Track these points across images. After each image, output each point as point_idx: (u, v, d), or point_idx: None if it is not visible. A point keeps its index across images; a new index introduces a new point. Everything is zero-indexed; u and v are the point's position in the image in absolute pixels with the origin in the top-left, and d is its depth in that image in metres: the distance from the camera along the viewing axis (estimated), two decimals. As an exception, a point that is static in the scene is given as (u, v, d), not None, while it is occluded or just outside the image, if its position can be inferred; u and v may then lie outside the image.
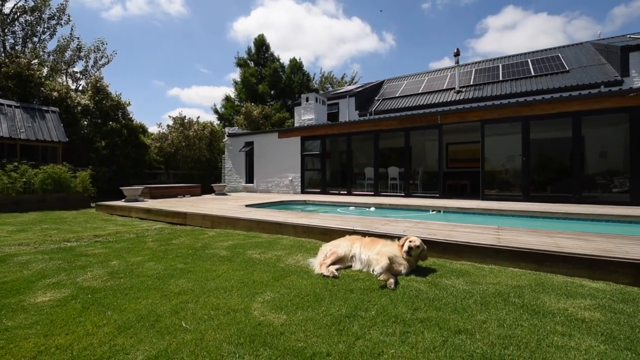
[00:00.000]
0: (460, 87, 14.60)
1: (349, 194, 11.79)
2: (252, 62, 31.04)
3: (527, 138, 8.76)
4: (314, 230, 4.78)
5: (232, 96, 31.34)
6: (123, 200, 9.59)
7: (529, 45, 55.53)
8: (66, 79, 22.82)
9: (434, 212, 7.62)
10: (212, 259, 3.74)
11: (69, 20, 22.36)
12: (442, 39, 57.62)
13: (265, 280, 2.96)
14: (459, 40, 55.56)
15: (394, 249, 3.17)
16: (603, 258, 2.94)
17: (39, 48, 21.61)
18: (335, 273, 3.02)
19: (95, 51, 23.47)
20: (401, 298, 2.49)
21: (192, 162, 19.99)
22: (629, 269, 2.82)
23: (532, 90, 12.13)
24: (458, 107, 10.17)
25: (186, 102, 57.70)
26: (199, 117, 22.05)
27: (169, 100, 57.81)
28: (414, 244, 3.09)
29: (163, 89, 58.88)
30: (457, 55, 14.54)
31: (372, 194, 11.34)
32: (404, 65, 59.86)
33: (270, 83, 29.50)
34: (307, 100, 15.34)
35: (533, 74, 13.41)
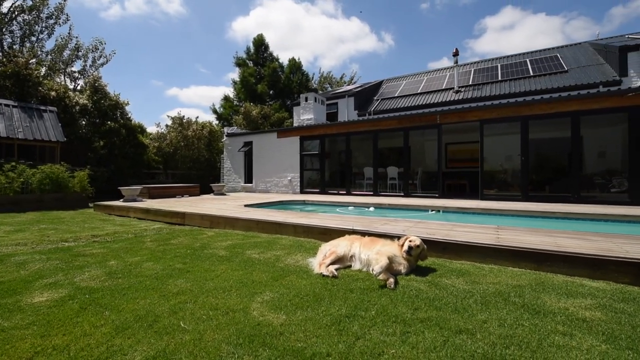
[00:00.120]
0: (459, 87, 14.61)
1: (348, 193, 11.78)
2: (251, 62, 31.01)
3: (526, 138, 8.77)
4: (313, 230, 4.76)
5: (231, 96, 31.31)
6: (121, 200, 9.55)
7: (527, 45, 55.73)
8: (64, 79, 22.74)
9: (433, 212, 7.62)
10: (211, 259, 3.72)
11: (67, 20, 22.30)
12: (441, 39, 57.79)
13: (265, 280, 2.95)
14: (458, 41, 55.73)
15: (394, 248, 3.16)
16: (603, 257, 2.93)
17: (37, 47, 21.53)
18: (335, 273, 3.01)
19: (93, 51, 23.40)
20: (401, 298, 2.48)
21: (191, 162, 19.95)
22: (629, 269, 2.82)
23: (531, 90, 12.15)
24: (457, 107, 10.18)
25: (185, 102, 57.68)
26: (198, 117, 22.04)
27: (168, 100, 57.77)
28: (414, 244, 3.08)
29: (162, 89, 58.87)
30: (456, 55, 14.56)
31: (371, 193, 11.33)
32: (402, 65, 60.02)
33: (269, 83, 29.47)
34: (306, 100, 15.33)
35: (532, 74, 13.43)
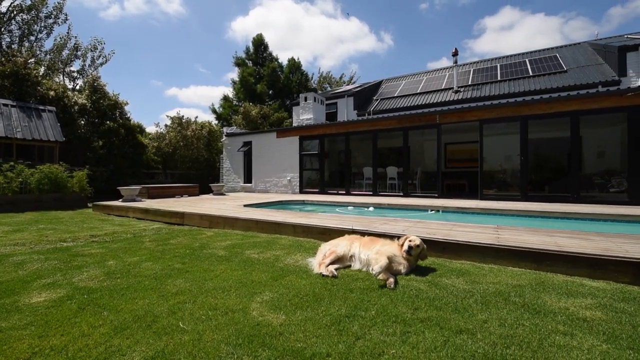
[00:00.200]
0: (458, 87, 14.62)
1: (348, 193, 11.77)
2: (251, 62, 30.97)
3: (526, 138, 8.77)
4: (312, 229, 4.75)
5: (231, 96, 31.27)
6: (120, 200, 9.53)
7: (526, 45, 55.86)
8: (63, 78, 22.69)
9: (433, 212, 7.61)
10: (210, 259, 3.70)
11: (66, 20, 22.26)
12: (440, 39, 57.87)
13: (264, 280, 2.93)
14: (457, 41, 55.82)
15: (394, 248, 3.15)
16: (603, 257, 2.93)
17: (35, 47, 21.48)
18: (335, 272, 3.00)
19: (92, 50, 23.35)
20: (401, 298, 2.47)
21: (190, 162, 19.92)
22: (629, 268, 2.82)
23: (530, 90, 12.16)
24: (456, 107, 10.18)
25: (184, 102, 57.62)
26: (197, 117, 22.03)
27: (167, 100, 57.70)
28: (414, 243, 3.07)
29: (161, 89, 58.79)
30: (456, 55, 14.57)
31: (371, 193, 11.32)
32: (402, 66, 60.08)
33: (268, 83, 29.44)
34: (306, 99, 15.31)
35: (531, 74, 13.44)
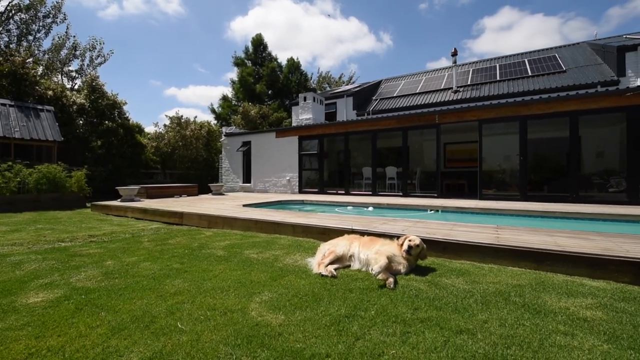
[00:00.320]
0: (457, 87, 14.62)
1: (347, 193, 11.76)
2: (250, 62, 30.93)
3: (525, 138, 8.77)
4: (312, 229, 4.74)
5: (230, 96, 31.22)
6: (119, 200, 9.50)
7: (525, 45, 55.97)
8: (61, 78, 22.62)
9: (432, 212, 7.61)
10: (209, 258, 3.69)
11: (64, 19, 22.18)
12: (439, 39, 57.89)
13: (263, 280, 2.92)
14: (456, 41, 55.86)
15: (393, 248, 3.14)
16: (603, 257, 2.92)
17: (34, 46, 21.40)
18: (334, 272, 2.98)
19: (91, 50, 23.29)
20: (401, 297, 2.46)
21: (189, 162, 19.87)
22: (629, 268, 2.81)
23: (529, 90, 12.17)
24: (456, 107, 10.18)
25: (183, 102, 57.49)
26: (196, 117, 21.94)
27: (166, 99, 57.54)
28: (414, 243, 3.06)
29: (160, 89, 58.62)
30: (455, 55, 14.57)
31: (370, 193, 11.31)
32: (401, 66, 60.13)
33: (267, 83, 29.41)
34: (305, 99, 15.29)
35: (530, 74, 13.45)
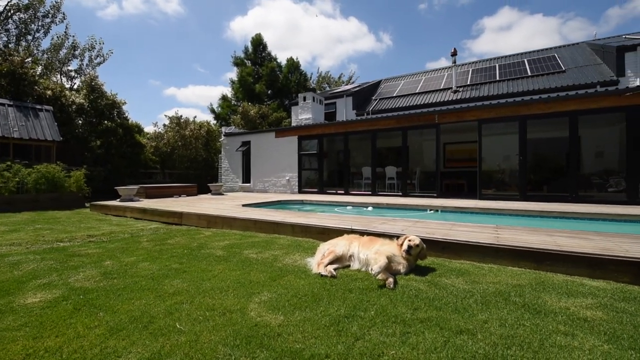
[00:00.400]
0: (457, 87, 14.62)
1: (347, 193, 11.75)
2: (249, 62, 30.89)
3: (524, 138, 8.77)
4: (311, 229, 4.73)
5: (229, 95, 31.18)
6: (118, 200, 9.48)
7: (524, 45, 56.02)
8: (60, 78, 22.58)
9: (432, 212, 7.60)
10: (208, 259, 3.68)
11: (63, 19, 22.13)
12: (439, 39, 57.88)
13: (262, 280, 2.91)
14: (456, 41, 55.86)
15: (393, 248, 3.13)
16: (603, 257, 2.91)
17: (32, 46, 21.36)
18: (333, 272, 2.98)
19: (90, 49, 23.24)
20: (401, 298, 2.45)
21: (189, 162, 19.84)
22: (629, 268, 2.81)
23: (529, 90, 12.17)
24: (455, 107, 10.18)
25: (183, 102, 57.41)
26: (196, 117, 21.97)
27: (166, 99, 57.46)
28: (414, 243, 3.05)
29: (159, 89, 58.52)
30: (454, 55, 14.57)
31: (370, 193, 11.31)
32: (401, 66, 60.12)
33: (267, 82, 29.38)
34: (305, 99, 15.28)
35: (529, 74, 13.46)
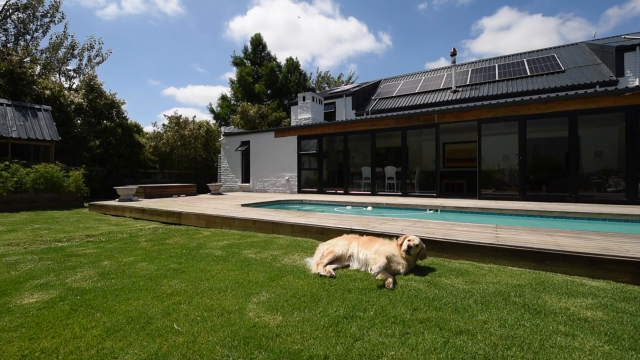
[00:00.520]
0: (456, 87, 14.62)
1: (346, 193, 11.73)
2: (249, 61, 30.85)
3: (524, 137, 8.76)
4: (310, 229, 4.71)
5: (229, 95, 31.13)
6: (117, 199, 9.45)
7: (524, 46, 56.06)
8: (59, 77, 22.53)
9: (431, 211, 7.59)
10: (207, 259, 3.66)
11: (62, 19, 22.09)
12: (438, 39, 58.01)
13: (261, 280, 2.89)
14: (455, 41, 55.98)
15: (392, 247, 3.12)
16: (603, 256, 2.90)
17: (31, 46, 21.31)
18: (333, 273, 2.96)
19: (89, 49, 23.19)
20: (400, 298, 2.44)
21: (188, 162, 19.81)
22: (629, 267, 2.80)
23: (528, 90, 12.17)
24: (455, 107, 10.15)
25: (182, 102, 57.40)
26: (195, 117, 21.85)
27: (165, 99, 57.46)
28: (413, 243, 3.04)
29: (159, 89, 58.51)
30: (454, 55, 14.56)
31: (369, 193, 11.29)
32: (400, 66, 60.12)
33: (266, 82, 29.35)
34: (304, 99, 15.26)
35: (529, 74, 13.46)
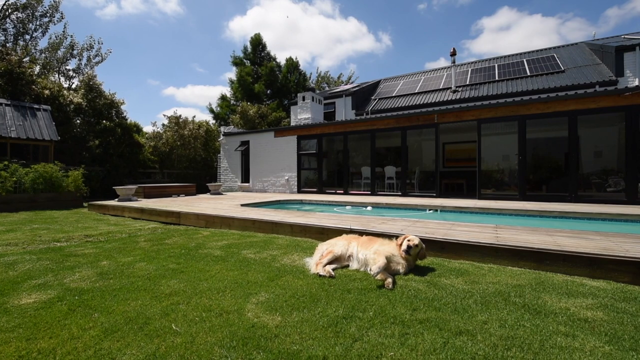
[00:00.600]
0: (456, 87, 14.61)
1: (346, 193, 11.72)
2: (249, 61, 30.83)
3: (524, 137, 8.76)
4: (310, 229, 4.70)
5: (228, 95, 31.12)
6: (116, 199, 9.43)
7: (523, 46, 56.08)
8: (59, 77, 22.50)
9: (431, 211, 7.58)
10: (206, 259, 3.65)
11: (62, 18, 22.07)
12: (438, 39, 58.00)
13: (260, 280, 2.88)
14: (455, 41, 55.98)
15: (392, 248, 3.11)
16: (603, 256, 2.90)
17: (30, 45, 21.28)
18: (332, 273, 2.95)
19: (88, 49, 23.17)
20: (400, 298, 2.43)
21: (187, 162, 19.79)
22: (629, 267, 2.79)
23: (528, 90, 12.16)
24: (454, 107, 10.15)
25: (181, 102, 57.35)
26: (195, 117, 21.81)
27: (164, 99, 57.39)
28: (413, 243, 3.03)
29: (158, 88, 58.44)
30: (454, 55, 14.56)
31: (369, 193, 11.29)
32: (400, 66, 60.11)
33: (266, 82, 29.33)
34: (304, 99, 15.24)
35: (529, 73, 13.45)
